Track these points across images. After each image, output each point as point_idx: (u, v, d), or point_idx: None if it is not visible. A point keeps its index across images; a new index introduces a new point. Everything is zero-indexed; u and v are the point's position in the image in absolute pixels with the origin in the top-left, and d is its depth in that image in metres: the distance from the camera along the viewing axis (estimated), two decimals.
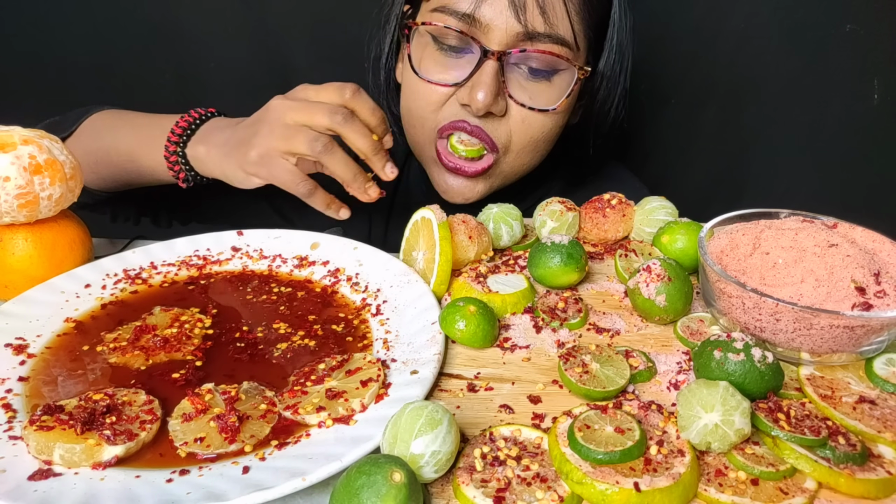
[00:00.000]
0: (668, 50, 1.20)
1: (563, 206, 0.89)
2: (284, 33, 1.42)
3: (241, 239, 0.89)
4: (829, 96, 1.27)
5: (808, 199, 1.22)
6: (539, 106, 0.90)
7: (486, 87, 0.85)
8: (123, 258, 0.84)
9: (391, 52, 1.03)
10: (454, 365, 0.67)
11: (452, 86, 0.89)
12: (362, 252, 0.85)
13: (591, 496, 0.50)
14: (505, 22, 0.84)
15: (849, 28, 1.20)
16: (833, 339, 0.62)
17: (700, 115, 1.39)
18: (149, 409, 0.59)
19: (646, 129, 1.39)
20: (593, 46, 0.93)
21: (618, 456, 0.51)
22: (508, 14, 0.84)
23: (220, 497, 0.49)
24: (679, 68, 1.34)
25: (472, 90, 0.86)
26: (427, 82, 0.91)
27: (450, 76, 0.89)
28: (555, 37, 0.85)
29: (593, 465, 0.51)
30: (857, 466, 0.52)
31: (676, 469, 0.51)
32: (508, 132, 0.91)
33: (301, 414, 0.58)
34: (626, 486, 0.49)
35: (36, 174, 0.76)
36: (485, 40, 0.86)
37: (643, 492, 0.49)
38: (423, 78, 0.91)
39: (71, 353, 0.68)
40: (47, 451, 0.53)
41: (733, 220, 0.76)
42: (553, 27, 0.85)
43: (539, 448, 0.56)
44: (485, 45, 0.86)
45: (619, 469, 0.51)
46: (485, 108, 0.86)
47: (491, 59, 0.85)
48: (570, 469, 0.51)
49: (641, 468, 0.51)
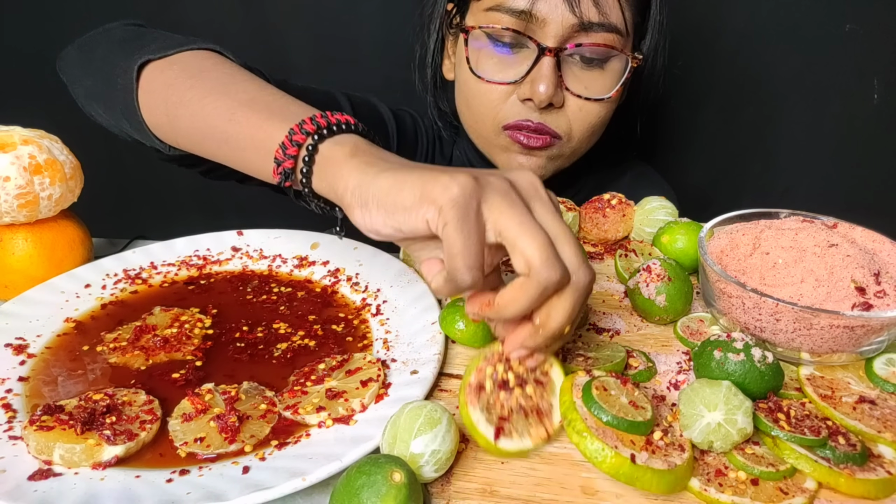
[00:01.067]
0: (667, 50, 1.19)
1: (563, 206, 0.90)
2: (285, 34, 1.42)
3: (240, 239, 0.89)
4: (830, 96, 1.27)
5: (808, 199, 1.23)
6: (594, 95, 0.92)
7: (546, 79, 0.88)
8: (123, 258, 0.84)
9: (436, 51, 1.05)
10: (454, 365, 0.67)
11: (511, 83, 0.92)
12: (362, 252, 0.85)
13: (586, 451, 0.51)
14: (560, 15, 0.86)
15: (849, 28, 1.20)
16: (833, 339, 0.62)
17: (700, 114, 1.39)
18: (149, 409, 0.59)
19: (646, 130, 1.39)
20: (640, 30, 0.96)
21: (625, 424, 0.52)
22: (564, 8, 0.85)
23: (220, 497, 0.49)
24: (679, 68, 1.34)
25: (533, 84, 0.89)
26: (487, 82, 0.93)
27: (508, 74, 0.92)
28: (608, 25, 0.87)
29: (597, 423, 0.52)
30: (857, 466, 0.52)
31: (673, 460, 0.51)
32: (568, 122, 0.94)
33: (301, 414, 0.58)
34: (623, 455, 0.50)
35: (36, 174, 0.76)
36: (540, 35, 0.88)
37: (637, 465, 0.50)
38: (482, 78, 0.93)
39: (71, 353, 0.68)
40: (47, 451, 0.53)
41: (733, 220, 0.76)
42: (606, 16, 0.87)
43: (546, 376, 0.57)
44: (541, 42, 0.88)
45: (620, 437, 0.52)
46: (547, 99, 0.89)
47: (548, 55, 0.88)
48: (575, 418, 0.52)
49: (642, 446, 0.52)
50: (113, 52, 0.77)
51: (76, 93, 0.81)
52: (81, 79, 0.80)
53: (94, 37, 0.81)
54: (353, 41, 1.25)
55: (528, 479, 0.53)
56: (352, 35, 1.39)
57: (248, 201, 1.29)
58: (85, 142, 0.94)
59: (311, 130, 0.60)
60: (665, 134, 1.43)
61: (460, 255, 0.50)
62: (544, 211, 0.53)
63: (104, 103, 0.77)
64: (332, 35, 1.41)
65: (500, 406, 0.53)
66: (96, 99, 0.78)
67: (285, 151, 0.61)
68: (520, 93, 0.91)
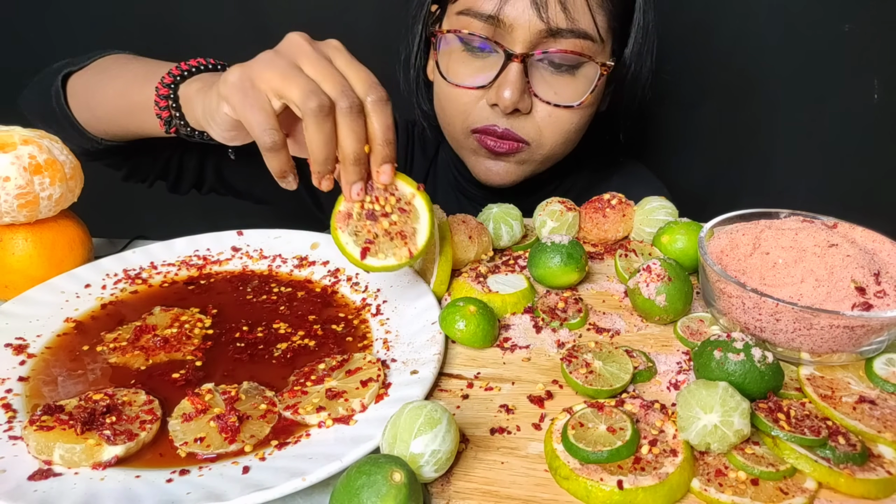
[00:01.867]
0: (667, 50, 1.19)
1: (563, 206, 0.89)
2: (285, 34, 1.42)
3: (240, 239, 0.89)
4: (829, 96, 1.27)
5: (808, 198, 1.22)
6: (564, 102, 0.92)
7: (512, 85, 0.88)
8: (123, 258, 0.84)
9: (420, 51, 1.05)
10: (454, 365, 0.67)
11: (480, 88, 0.92)
12: None
13: (577, 492, 0.51)
14: (528, 20, 0.86)
15: (848, 28, 1.20)
16: (833, 339, 0.62)
17: (699, 114, 1.39)
18: (149, 409, 0.59)
19: (645, 129, 1.39)
20: (619, 35, 0.95)
21: (605, 455, 0.52)
22: (531, 13, 0.85)
23: (220, 497, 0.49)
24: (678, 68, 1.34)
25: (499, 90, 0.89)
26: (456, 86, 0.94)
27: (477, 79, 0.92)
28: (577, 31, 0.87)
29: (581, 463, 0.52)
30: (857, 466, 0.52)
31: (665, 469, 0.51)
32: (537, 128, 0.94)
33: (301, 414, 0.58)
34: (610, 483, 0.50)
35: (36, 174, 0.76)
36: (508, 41, 0.88)
37: (625, 490, 0.50)
38: (451, 83, 0.94)
39: (71, 353, 0.68)
40: (47, 451, 0.53)
41: (733, 220, 0.76)
42: (575, 22, 0.87)
43: (410, 205, 0.64)
44: (508, 48, 0.88)
45: (606, 467, 0.52)
46: (512, 105, 0.89)
47: (515, 61, 0.88)
48: (559, 465, 0.52)
49: (630, 466, 0.52)
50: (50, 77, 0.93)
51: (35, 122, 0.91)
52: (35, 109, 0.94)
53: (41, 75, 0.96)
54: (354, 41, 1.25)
55: (528, 479, 0.53)
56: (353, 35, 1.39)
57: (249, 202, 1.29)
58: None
59: (168, 82, 0.77)
60: (664, 134, 1.43)
61: (254, 125, 0.61)
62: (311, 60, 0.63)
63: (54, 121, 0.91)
64: (331, 35, 1.41)
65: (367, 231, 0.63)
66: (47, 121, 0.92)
67: (158, 105, 0.79)
68: (488, 98, 0.92)
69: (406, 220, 0.63)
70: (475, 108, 0.94)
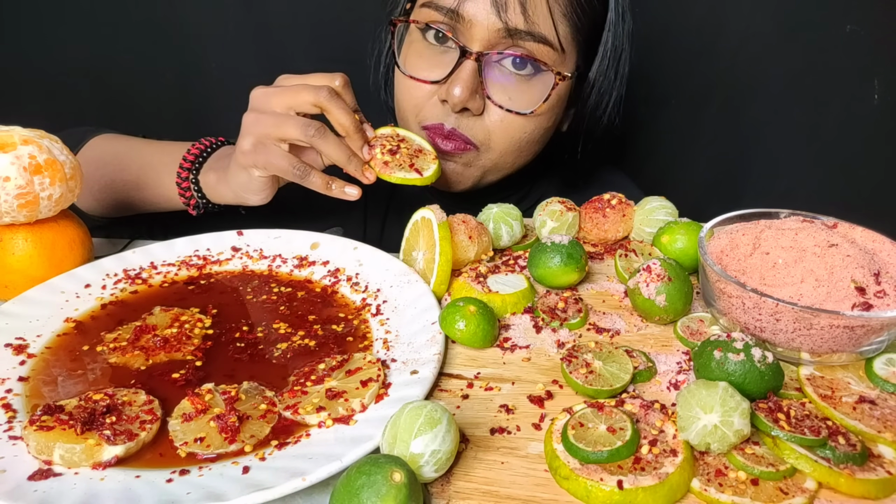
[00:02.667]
0: (667, 50, 1.20)
1: (563, 206, 0.89)
2: (285, 34, 1.42)
3: (240, 239, 0.89)
4: (830, 97, 1.27)
5: (808, 199, 1.22)
6: (517, 108, 0.90)
7: (462, 83, 0.87)
8: (123, 258, 0.84)
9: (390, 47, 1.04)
10: (454, 365, 0.67)
11: (434, 83, 0.91)
12: (362, 252, 0.85)
13: (577, 492, 0.51)
14: (486, 18, 0.85)
15: (849, 28, 1.20)
16: (833, 339, 0.62)
17: (700, 115, 1.39)
18: (149, 409, 0.59)
19: (646, 130, 1.39)
20: (584, 51, 0.94)
21: (605, 455, 0.52)
22: (490, 11, 0.85)
23: (220, 497, 0.49)
24: (679, 69, 1.34)
25: (450, 86, 0.88)
26: (410, 77, 0.93)
27: (433, 73, 0.91)
28: (536, 35, 0.86)
29: (581, 463, 0.52)
30: (857, 466, 0.52)
31: (665, 469, 0.51)
32: (486, 131, 0.92)
33: (301, 414, 0.58)
34: (610, 483, 0.50)
35: (36, 174, 0.75)
36: (467, 37, 0.88)
37: (625, 490, 0.50)
38: (406, 74, 0.93)
39: (71, 353, 0.68)
40: (47, 451, 0.53)
41: (733, 220, 0.76)
42: (534, 25, 0.86)
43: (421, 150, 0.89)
44: (465, 45, 0.87)
45: (606, 467, 0.52)
46: (461, 103, 0.88)
47: (469, 58, 0.87)
48: (559, 465, 0.52)
49: (629, 466, 0.52)
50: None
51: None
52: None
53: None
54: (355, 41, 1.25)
55: (528, 479, 0.53)
56: (353, 36, 1.39)
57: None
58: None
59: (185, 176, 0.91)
60: (665, 134, 1.43)
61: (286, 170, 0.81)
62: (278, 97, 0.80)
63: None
64: (331, 35, 1.41)
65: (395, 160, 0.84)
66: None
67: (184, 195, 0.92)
68: (440, 93, 0.91)
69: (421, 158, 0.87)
70: (427, 103, 0.93)
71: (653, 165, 1.24)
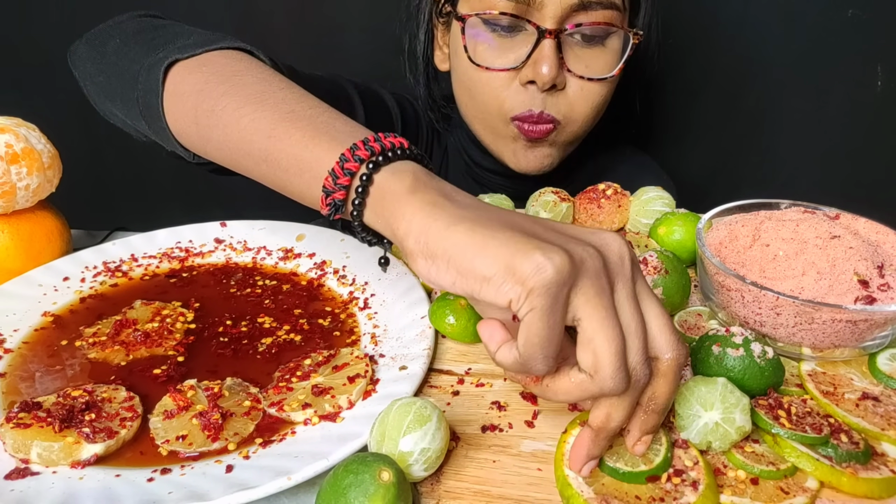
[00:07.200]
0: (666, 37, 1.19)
1: (557, 196, 0.88)
2: (270, 18, 1.41)
3: (224, 230, 0.88)
4: (831, 83, 1.27)
5: (810, 189, 1.21)
6: (596, 75, 0.92)
7: (549, 60, 0.87)
8: (103, 250, 0.82)
9: (427, 41, 1.04)
10: (444, 360, 0.66)
11: (512, 69, 0.91)
12: (349, 244, 0.84)
13: None
14: None
15: (851, 13, 1.20)
16: (835, 333, 0.61)
17: (699, 103, 1.39)
18: (129, 406, 0.58)
19: (643, 118, 1.38)
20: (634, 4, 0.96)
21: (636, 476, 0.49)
22: None
23: (203, 497, 0.48)
24: (677, 56, 1.33)
25: (536, 66, 0.88)
26: (487, 70, 0.92)
27: (508, 60, 0.91)
28: (606, 2, 0.87)
29: (596, 493, 0.49)
30: (860, 465, 0.51)
31: (686, 499, 0.48)
32: (569, 104, 0.93)
33: (286, 411, 0.57)
34: None
35: (13, 163, 0.74)
36: (538, 17, 0.87)
37: None
38: (481, 66, 0.92)
39: (49, 349, 0.67)
40: (24, 449, 0.52)
41: (732, 210, 0.76)
42: None
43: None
44: (539, 24, 0.87)
45: (622, 498, 0.49)
46: (550, 81, 0.88)
47: (548, 37, 0.87)
48: (572, 494, 0.49)
49: (647, 497, 0.49)
50: (128, 46, 0.72)
51: (89, 90, 0.78)
52: (94, 75, 0.76)
53: (105, 30, 0.77)
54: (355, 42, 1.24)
55: (521, 478, 0.52)
56: (338, 20, 1.38)
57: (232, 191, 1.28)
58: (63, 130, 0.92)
59: (364, 157, 0.54)
60: (662, 123, 1.43)
61: (540, 346, 0.45)
62: (624, 296, 0.48)
63: (121, 102, 0.72)
64: (318, 20, 1.40)
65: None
66: (111, 98, 0.74)
67: (336, 181, 0.54)
68: (521, 76, 0.90)
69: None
70: (508, 90, 0.93)
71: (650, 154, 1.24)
